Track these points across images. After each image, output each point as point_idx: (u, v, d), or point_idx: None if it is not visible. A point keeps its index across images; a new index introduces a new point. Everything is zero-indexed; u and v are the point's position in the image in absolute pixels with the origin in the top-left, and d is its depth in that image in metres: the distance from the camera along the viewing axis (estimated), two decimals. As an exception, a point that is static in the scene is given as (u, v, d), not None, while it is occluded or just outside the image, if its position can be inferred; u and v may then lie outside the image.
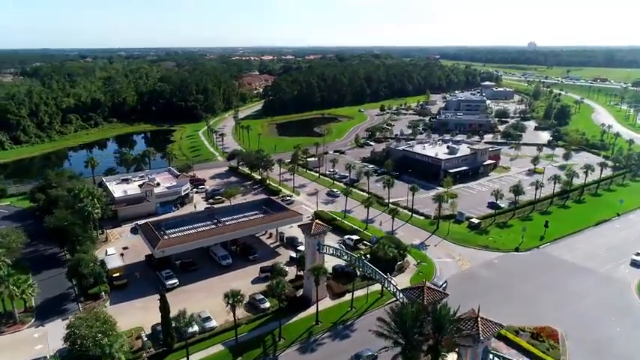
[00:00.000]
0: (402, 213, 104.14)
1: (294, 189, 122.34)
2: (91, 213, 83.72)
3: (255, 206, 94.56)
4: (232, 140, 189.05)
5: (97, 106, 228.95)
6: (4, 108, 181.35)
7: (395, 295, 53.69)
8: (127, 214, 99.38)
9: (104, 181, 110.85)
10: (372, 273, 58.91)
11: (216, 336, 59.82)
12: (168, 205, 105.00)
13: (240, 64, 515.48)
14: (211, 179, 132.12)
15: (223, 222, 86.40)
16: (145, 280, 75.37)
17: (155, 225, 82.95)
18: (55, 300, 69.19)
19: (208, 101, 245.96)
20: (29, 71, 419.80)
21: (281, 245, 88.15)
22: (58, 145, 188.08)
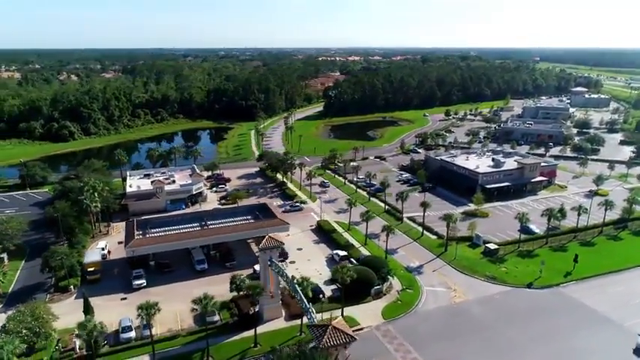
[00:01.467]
0: (415, 230, 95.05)
1: (312, 194, 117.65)
2: (89, 206, 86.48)
3: (248, 211, 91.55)
4: (280, 140, 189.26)
5: (166, 102, 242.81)
6: (78, 102, 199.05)
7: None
8: (137, 209, 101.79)
9: (128, 176, 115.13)
10: (299, 300, 52.56)
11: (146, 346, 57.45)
12: (178, 202, 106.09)
13: (320, 64, 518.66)
14: (238, 179, 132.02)
15: (209, 225, 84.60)
16: (120, 277, 75.81)
17: (141, 223, 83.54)
18: (30, 288, 71.88)
19: (269, 100, 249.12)
20: (129, 69, 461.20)
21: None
22: (123, 137, 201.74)
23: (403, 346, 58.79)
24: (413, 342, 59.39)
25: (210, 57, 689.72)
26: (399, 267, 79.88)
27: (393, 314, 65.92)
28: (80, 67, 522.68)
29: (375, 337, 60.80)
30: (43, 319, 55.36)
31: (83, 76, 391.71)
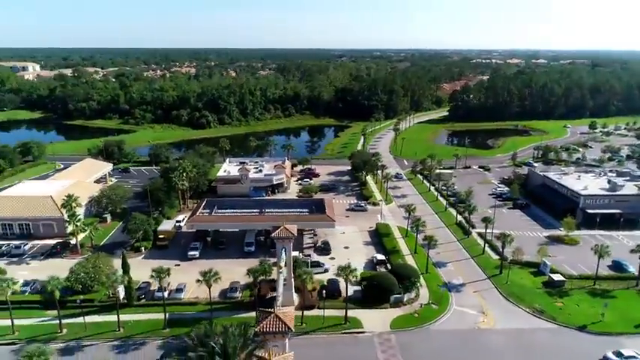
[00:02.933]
0: (478, 246, 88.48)
1: (389, 197, 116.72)
2: (177, 184, 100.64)
3: (306, 205, 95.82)
4: (389, 142, 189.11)
5: (296, 99, 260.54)
6: (218, 95, 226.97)
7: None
8: (225, 191, 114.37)
9: (227, 162, 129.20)
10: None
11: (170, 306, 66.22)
12: (260, 189, 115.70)
13: (465, 66, 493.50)
14: (327, 175, 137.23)
15: (266, 212, 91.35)
16: (183, 247, 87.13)
17: (211, 202, 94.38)
18: (115, 245, 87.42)
19: (391, 102, 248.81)
20: (279, 67, 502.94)
21: (314, 247, 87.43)
22: (252, 128, 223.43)
23: (394, 358, 56.98)
24: (407, 356, 57.10)
25: (363, 57, 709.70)
26: (438, 281, 75.87)
27: (401, 325, 63.73)
28: (243, 64, 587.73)
29: (371, 343, 59.95)
30: (99, 269, 67.96)
31: (239, 73, 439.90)
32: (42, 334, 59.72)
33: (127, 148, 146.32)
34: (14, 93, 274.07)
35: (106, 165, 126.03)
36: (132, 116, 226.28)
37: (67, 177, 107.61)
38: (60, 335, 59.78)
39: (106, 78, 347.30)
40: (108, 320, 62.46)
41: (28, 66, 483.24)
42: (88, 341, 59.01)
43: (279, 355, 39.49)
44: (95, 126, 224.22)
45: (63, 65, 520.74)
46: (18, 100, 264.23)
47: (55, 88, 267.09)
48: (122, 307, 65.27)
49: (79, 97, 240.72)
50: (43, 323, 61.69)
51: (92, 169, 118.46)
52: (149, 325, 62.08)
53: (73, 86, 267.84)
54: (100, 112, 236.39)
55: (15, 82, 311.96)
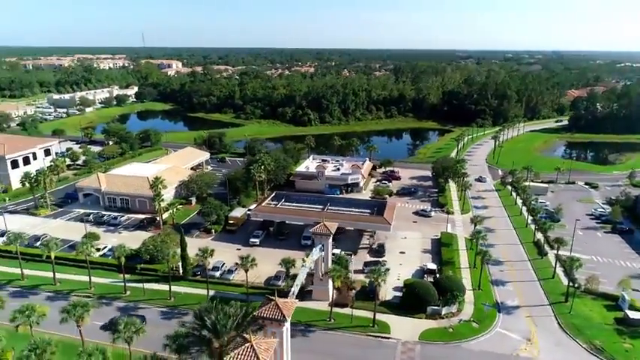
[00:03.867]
0: (549, 269, 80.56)
1: (466, 206, 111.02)
2: (254, 175, 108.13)
3: (369, 205, 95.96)
4: (488, 150, 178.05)
5: (401, 101, 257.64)
6: (322, 94, 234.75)
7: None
8: (301, 186, 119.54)
9: (310, 158, 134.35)
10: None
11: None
12: (335, 187, 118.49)
13: (604, 70, 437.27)
14: (409, 179, 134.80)
15: (328, 209, 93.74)
16: (249, 234, 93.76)
17: (281, 195, 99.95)
18: (192, 225, 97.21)
19: (501, 107, 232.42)
20: (395, 68, 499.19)
21: (369, 248, 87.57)
22: (350, 128, 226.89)
23: (411, 369, 55.58)
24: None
25: (492, 59, 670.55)
26: (489, 299, 71.07)
27: (431, 337, 61.47)
28: (361, 65, 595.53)
29: (393, 350, 59.06)
30: (166, 244, 76.85)
31: (353, 73, 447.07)
32: (110, 293, 70.03)
33: (227, 141, 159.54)
34: (153, 87, 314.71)
35: (204, 154, 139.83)
36: (244, 111, 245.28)
37: (166, 162, 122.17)
38: (124, 296, 69.42)
39: (231, 75, 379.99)
40: (164, 289, 70.52)
41: (173, 64, 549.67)
42: (143, 304, 67.58)
43: (265, 339, 41.65)
44: (212, 119, 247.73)
45: (202, 63, 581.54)
46: (155, 93, 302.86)
47: (185, 84, 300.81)
48: (178, 280, 73.48)
49: (202, 93, 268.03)
50: (114, 284, 72.03)
51: (190, 157, 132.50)
52: (195, 298, 68.70)
53: (199, 82, 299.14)
54: (218, 107, 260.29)
55: (156, 77, 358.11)
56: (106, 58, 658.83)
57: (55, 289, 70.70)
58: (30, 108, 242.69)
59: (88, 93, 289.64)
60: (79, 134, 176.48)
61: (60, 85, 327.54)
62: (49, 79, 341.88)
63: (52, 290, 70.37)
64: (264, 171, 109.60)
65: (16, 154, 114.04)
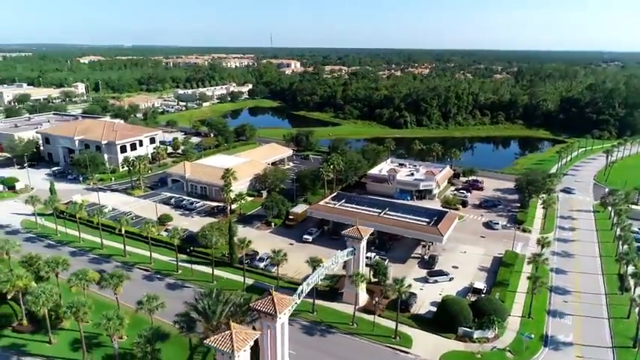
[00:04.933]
0: (626, 307, 69.75)
1: (548, 224, 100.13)
2: (322, 174, 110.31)
3: (429, 214, 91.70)
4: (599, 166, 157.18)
5: (511, 106, 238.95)
6: (421, 97, 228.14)
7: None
8: (372, 188, 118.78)
9: (388, 161, 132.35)
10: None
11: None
12: (406, 193, 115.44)
13: None
14: (493, 190, 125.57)
15: (384, 214, 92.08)
16: (305, 231, 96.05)
17: (342, 195, 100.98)
18: (256, 217, 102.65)
19: (631, 117, 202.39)
20: (519, 70, 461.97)
21: (421, 259, 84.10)
22: (448, 133, 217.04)
23: (420, 388, 52.82)
24: None
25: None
26: (538, 330, 63.98)
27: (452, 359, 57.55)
28: (482, 67, 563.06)
29: (408, 365, 56.66)
30: (221, 232, 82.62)
31: (470, 75, 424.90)
32: (165, 270, 77.75)
33: (313, 139, 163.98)
34: (265, 85, 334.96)
35: (287, 150, 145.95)
36: (343, 111, 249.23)
37: (249, 156, 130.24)
38: (175, 274, 76.58)
39: (340, 75, 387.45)
40: (210, 273, 76.07)
41: (292, 63, 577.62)
42: (189, 284, 73.83)
43: (246, 330, 43.29)
44: (313, 117, 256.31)
45: (319, 63, 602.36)
46: (266, 91, 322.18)
47: (294, 83, 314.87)
48: (226, 266, 78.68)
49: (306, 92, 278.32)
50: (171, 262, 79.64)
51: (272, 152, 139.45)
52: (235, 284, 72.95)
53: (306, 82, 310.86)
54: (320, 106, 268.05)
55: (270, 76, 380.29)
56: (236, 58, 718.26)
57: (124, 260, 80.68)
58: (158, 101, 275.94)
59: (208, 89, 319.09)
60: (189, 126, 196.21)
61: (188, 81, 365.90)
62: (180, 76, 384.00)
63: (121, 261, 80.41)
64: (332, 170, 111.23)
65: (125, 141, 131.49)
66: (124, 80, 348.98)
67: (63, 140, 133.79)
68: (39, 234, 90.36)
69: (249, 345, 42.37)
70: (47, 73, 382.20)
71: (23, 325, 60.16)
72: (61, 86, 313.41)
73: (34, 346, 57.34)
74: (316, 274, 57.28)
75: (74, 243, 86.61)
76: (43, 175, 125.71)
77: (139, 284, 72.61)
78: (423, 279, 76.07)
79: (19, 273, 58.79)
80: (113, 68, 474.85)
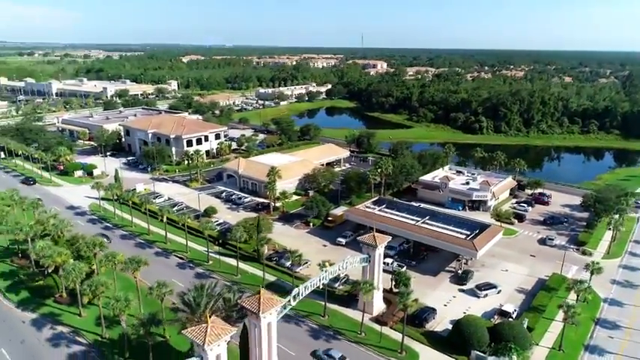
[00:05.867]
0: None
1: (617, 249, 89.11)
2: (369, 177, 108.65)
3: (471, 227, 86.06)
4: None
5: (605, 114, 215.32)
6: (501, 101, 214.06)
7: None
8: (423, 195, 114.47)
9: (445, 169, 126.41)
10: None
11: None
12: (458, 202, 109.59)
13: None
14: (561, 206, 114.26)
15: (423, 223, 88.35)
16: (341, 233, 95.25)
17: (384, 200, 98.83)
18: (296, 216, 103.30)
19: None
20: (623, 76, 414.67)
21: (454, 273, 79.43)
22: (528, 141, 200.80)
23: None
24: None
25: None
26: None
27: (455, 385, 53.77)
28: (586, 70, 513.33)
29: (405, 383, 53.99)
30: (254, 228, 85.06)
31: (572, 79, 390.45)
32: (198, 259, 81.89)
33: (374, 141, 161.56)
34: (344, 85, 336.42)
35: (343, 151, 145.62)
36: (417, 114, 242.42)
37: (303, 155, 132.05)
38: (206, 264, 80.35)
39: (422, 77, 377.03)
40: (236, 266, 78.71)
41: (378, 64, 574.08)
42: (216, 275, 77.05)
43: (223, 325, 44.22)
44: (385, 119, 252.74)
45: (407, 64, 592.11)
46: (344, 92, 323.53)
47: (371, 84, 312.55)
48: (253, 261, 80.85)
49: (382, 93, 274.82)
50: (204, 253, 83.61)
51: (328, 153, 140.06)
52: (256, 280, 74.77)
53: (383, 83, 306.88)
54: (395, 107, 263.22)
55: (350, 76, 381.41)
56: (324, 58, 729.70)
57: (164, 246, 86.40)
58: (239, 99, 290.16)
59: (288, 89, 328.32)
60: (259, 124, 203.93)
61: (272, 80, 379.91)
62: (265, 75, 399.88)
63: (162, 247, 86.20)
64: (379, 174, 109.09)
65: (191, 135, 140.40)
66: (213, 78, 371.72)
67: (139, 133, 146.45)
68: (100, 216, 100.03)
69: (224, 340, 43.38)
70: (149, 71, 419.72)
71: (62, 298, 67.04)
72: (158, 83, 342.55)
73: (66, 317, 63.79)
74: (317, 278, 56.70)
75: (127, 227, 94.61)
76: (119, 164, 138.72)
77: (171, 270, 77.65)
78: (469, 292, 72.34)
79: (61, 250, 65.72)
80: (208, 67, 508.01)
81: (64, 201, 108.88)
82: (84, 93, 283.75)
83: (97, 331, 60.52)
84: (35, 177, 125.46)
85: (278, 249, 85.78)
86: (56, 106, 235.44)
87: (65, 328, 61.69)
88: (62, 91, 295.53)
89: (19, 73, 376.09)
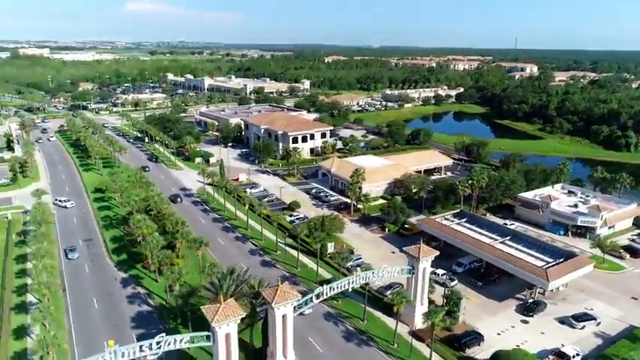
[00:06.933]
0: None
1: None
2: (458, 189, 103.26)
3: (556, 254, 76.59)
4: None
5: None
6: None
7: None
8: (520, 213, 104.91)
9: (556, 187, 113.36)
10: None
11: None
12: (560, 226, 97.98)
13: None
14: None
15: (501, 242, 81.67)
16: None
17: (465, 214, 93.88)
18: (375, 219, 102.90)
19: None
20: None
21: (524, 302, 72.11)
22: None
23: None
24: None
25: None
26: None
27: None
28: None
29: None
30: (326, 226, 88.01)
31: None
32: (269, 248, 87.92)
33: (485, 150, 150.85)
34: (477, 89, 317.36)
35: (445, 159, 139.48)
36: (552, 124, 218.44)
37: (400, 160, 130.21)
38: (273, 254, 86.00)
39: (574, 82, 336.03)
40: (301, 259, 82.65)
41: (527, 67, 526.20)
42: (279, 265, 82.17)
43: (236, 308, 48.14)
44: (515, 128, 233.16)
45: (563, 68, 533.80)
46: (476, 96, 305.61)
47: (506, 89, 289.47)
48: (315, 256, 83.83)
49: (515, 99, 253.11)
50: (274, 242, 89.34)
51: (428, 159, 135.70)
52: (311, 275, 77.85)
53: (522, 88, 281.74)
54: (528, 116, 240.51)
55: (485, 80, 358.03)
56: (469, 60, 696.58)
57: (244, 232, 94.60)
58: (363, 99, 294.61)
59: (416, 91, 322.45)
60: (373, 125, 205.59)
61: (404, 82, 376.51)
62: (397, 77, 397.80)
63: (242, 233, 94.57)
64: (470, 186, 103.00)
65: (297, 133, 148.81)
66: (345, 79, 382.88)
67: (254, 127, 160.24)
68: (203, 200, 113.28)
69: (234, 321, 47.57)
70: (290, 70, 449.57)
71: (148, 264, 78.66)
72: (294, 82, 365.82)
73: (146, 281, 74.92)
74: (346, 281, 57.42)
75: (220, 211, 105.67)
76: (235, 155, 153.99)
77: (243, 254, 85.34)
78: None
79: (150, 224, 77.34)
80: (345, 67, 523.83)
81: (180, 182, 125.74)
82: (229, 89, 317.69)
83: (164, 296, 70.08)
84: (166, 160, 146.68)
85: (345, 249, 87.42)
86: (200, 100, 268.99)
87: (143, 290, 72.63)
88: (212, 86, 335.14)
89: (183, 70, 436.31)
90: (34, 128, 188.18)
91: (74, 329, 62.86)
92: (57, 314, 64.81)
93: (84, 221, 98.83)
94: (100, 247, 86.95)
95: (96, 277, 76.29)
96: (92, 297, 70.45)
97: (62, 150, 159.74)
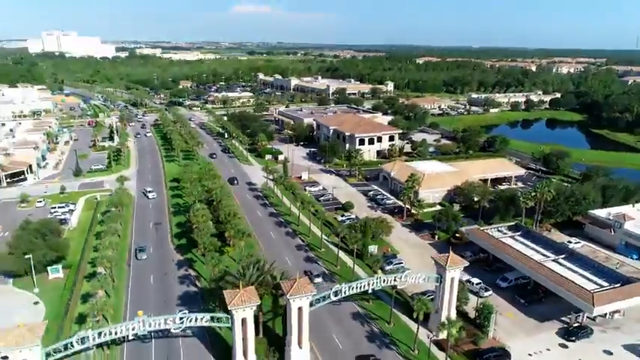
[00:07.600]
0: None
1: None
2: (519, 202, 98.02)
3: (614, 278, 70.41)
4: None
5: None
6: None
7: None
8: (590, 232, 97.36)
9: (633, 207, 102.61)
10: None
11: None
12: (634, 249, 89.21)
13: None
14: None
15: (553, 259, 76.91)
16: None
17: (520, 227, 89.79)
18: (427, 225, 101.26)
19: None
20: None
21: (567, 324, 67.53)
22: None
23: None
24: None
25: None
26: None
27: None
28: None
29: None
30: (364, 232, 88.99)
31: None
32: (314, 244, 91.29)
33: (565, 162, 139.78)
34: (577, 95, 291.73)
35: (517, 169, 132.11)
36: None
37: (465, 167, 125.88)
38: (317, 250, 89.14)
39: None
40: (342, 259, 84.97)
41: None
42: (320, 262, 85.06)
43: (253, 297, 52.12)
44: (614, 139, 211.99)
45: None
46: (574, 102, 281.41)
47: (609, 96, 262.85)
48: (359, 257, 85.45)
49: (618, 107, 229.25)
50: (323, 241, 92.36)
51: (496, 168, 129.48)
52: (347, 273, 79.80)
53: (626, 95, 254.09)
54: (632, 125, 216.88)
55: (587, 85, 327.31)
56: (578, 62, 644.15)
57: (295, 228, 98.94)
58: (446, 103, 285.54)
59: (505, 95, 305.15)
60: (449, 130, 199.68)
61: (494, 85, 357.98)
62: (489, 80, 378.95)
63: (293, 228, 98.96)
64: (533, 198, 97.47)
65: (364, 135, 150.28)
66: (431, 81, 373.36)
67: (324, 128, 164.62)
68: (265, 194, 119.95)
69: (250, 307, 51.80)
70: (377, 71, 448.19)
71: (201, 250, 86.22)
72: (379, 83, 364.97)
73: (197, 265, 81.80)
74: (366, 281, 58.80)
75: (277, 206, 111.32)
76: (303, 153, 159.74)
77: (289, 249, 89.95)
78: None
79: (205, 213, 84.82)
80: (436, 69, 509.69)
81: (248, 177, 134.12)
82: (313, 89, 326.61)
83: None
84: (239, 155, 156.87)
85: (389, 252, 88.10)
86: (283, 100, 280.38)
87: (193, 272, 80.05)
88: (298, 86, 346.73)
89: (275, 70, 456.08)
90: (136, 121, 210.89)
91: (130, 300, 71.58)
92: (119, 285, 74.45)
93: (159, 207, 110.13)
94: (167, 231, 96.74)
95: (157, 257, 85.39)
96: (150, 274, 79.24)
97: (153, 142, 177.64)
